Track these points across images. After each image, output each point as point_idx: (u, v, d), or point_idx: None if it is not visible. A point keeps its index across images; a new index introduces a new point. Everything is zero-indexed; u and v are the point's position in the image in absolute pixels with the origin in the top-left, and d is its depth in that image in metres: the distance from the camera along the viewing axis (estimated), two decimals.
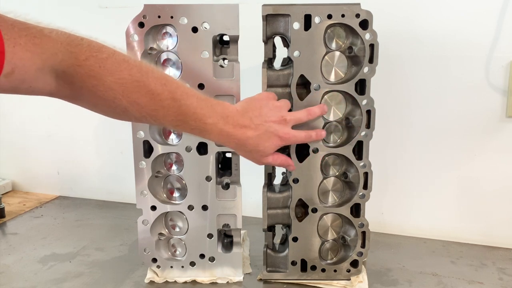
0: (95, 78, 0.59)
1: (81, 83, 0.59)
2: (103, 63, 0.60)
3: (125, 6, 1.26)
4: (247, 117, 0.76)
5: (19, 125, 1.50)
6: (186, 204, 0.95)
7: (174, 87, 0.68)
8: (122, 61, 0.62)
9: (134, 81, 0.63)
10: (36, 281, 0.98)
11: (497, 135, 1.09)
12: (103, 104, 0.63)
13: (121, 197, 1.42)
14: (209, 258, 0.97)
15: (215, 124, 0.72)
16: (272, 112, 0.78)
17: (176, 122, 0.69)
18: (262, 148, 0.77)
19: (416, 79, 1.12)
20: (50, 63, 0.56)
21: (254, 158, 0.81)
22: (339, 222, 0.95)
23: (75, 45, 0.58)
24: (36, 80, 0.55)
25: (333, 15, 0.84)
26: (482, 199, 1.14)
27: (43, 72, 0.56)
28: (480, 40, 1.05)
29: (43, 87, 0.57)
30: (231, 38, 0.89)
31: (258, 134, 0.76)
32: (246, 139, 0.75)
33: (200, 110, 0.70)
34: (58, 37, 0.57)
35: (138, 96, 0.63)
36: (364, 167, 0.90)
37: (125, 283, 0.97)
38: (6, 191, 1.52)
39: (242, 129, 0.74)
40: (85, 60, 0.58)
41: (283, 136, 0.78)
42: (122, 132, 1.16)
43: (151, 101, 0.65)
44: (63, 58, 0.57)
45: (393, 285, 0.97)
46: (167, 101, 0.66)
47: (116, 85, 0.61)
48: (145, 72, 0.64)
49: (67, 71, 0.58)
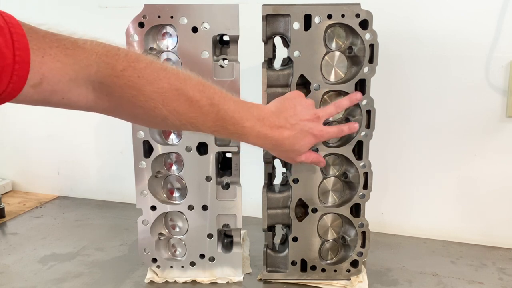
0: (134, 89, 0.59)
1: (120, 94, 0.59)
2: (142, 73, 0.59)
3: (125, 6, 1.26)
4: (282, 117, 0.76)
5: (19, 125, 1.50)
6: (186, 204, 0.95)
7: (212, 93, 0.67)
8: (160, 70, 0.62)
9: (174, 90, 0.62)
10: (36, 281, 0.98)
11: (497, 135, 1.09)
12: (143, 114, 0.62)
13: (121, 197, 1.42)
14: (209, 258, 0.97)
15: (253, 127, 0.72)
16: (305, 111, 0.79)
17: (215, 128, 0.69)
18: (298, 147, 0.78)
19: (416, 79, 1.12)
20: (84, 74, 0.55)
21: (289, 157, 0.81)
22: (339, 222, 0.95)
23: (112, 56, 0.57)
24: (70, 92, 0.55)
25: (333, 15, 0.84)
26: (482, 199, 1.14)
27: (77, 83, 0.55)
28: (480, 40, 1.05)
29: (78, 100, 0.57)
30: (231, 38, 0.89)
31: (294, 134, 0.76)
32: (283, 139, 0.75)
33: (238, 114, 0.70)
34: (93, 48, 0.56)
35: (177, 104, 0.63)
36: (364, 167, 0.90)
37: (125, 283, 0.97)
38: (6, 191, 1.52)
39: (279, 129, 0.75)
40: (123, 71, 0.58)
41: (318, 133, 0.79)
42: (122, 132, 1.16)
43: (190, 108, 0.65)
44: (99, 69, 0.56)
45: (393, 285, 0.97)
46: (206, 107, 0.66)
47: (156, 94, 0.61)
48: (183, 80, 0.64)
49: (105, 82, 0.57)
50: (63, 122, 1.45)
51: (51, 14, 1.34)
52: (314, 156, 0.84)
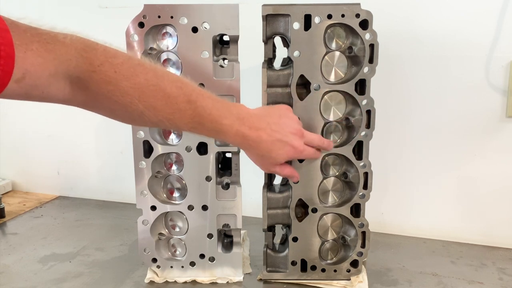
0: (110, 84, 0.59)
1: (97, 89, 0.59)
2: (119, 68, 0.59)
3: (125, 6, 1.26)
4: (265, 121, 0.76)
5: (19, 125, 1.50)
6: (186, 204, 0.95)
7: (190, 90, 0.68)
8: (137, 66, 0.62)
9: (150, 85, 0.62)
10: (36, 281, 0.98)
11: (497, 135, 1.09)
12: (120, 109, 0.62)
13: (121, 197, 1.42)
14: (209, 258, 0.97)
15: (231, 125, 0.72)
16: (290, 123, 0.79)
17: (193, 124, 0.69)
18: (274, 155, 0.78)
19: (416, 79, 1.12)
20: (63, 69, 0.55)
21: (263, 164, 0.82)
22: (339, 222, 0.95)
23: (90, 51, 0.58)
24: (49, 86, 0.55)
25: (333, 15, 0.84)
26: (482, 199, 1.14)
27: (56, 78, 0.55)
28: (480, 40, 1.05)
29: (57, 94, 0.57)
30: (231, 38, 0.89)
31: (273, 140, 0.76)
32: (260, 141, 0.75)
33: (216, 111, 0.70)
34: (72, 42, 0.56)
35: (154, 100, 0.63)
36: (364, 167, 0.90)
37: (125, 283, 0.97)
38: (6, 191, 1.52)
39: (258, 131, 0.75)
40: (99, 66, 0.58)
41: (297, 147, 0.79)
42: (122, 132, 1.16)
43: (168, 104, 0.65)
44: (77, 64, 0.56)
45: (393, 285, 0.97)
46: (183, 104, 0.66)
47: (132, 90, 0.61)
48: (160, 76, 0.64)
49: (82, 77, 0.57)
50: (63, 122, 1.45)
51: (51, 14, 1.34)
52: (288, 170, 0.84)
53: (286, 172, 0.84)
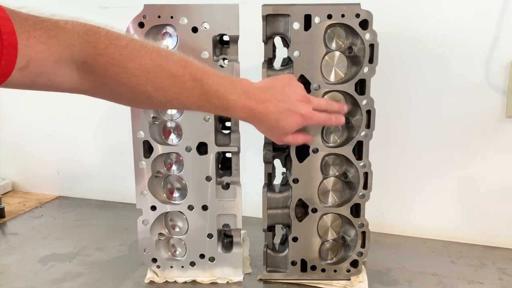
0: (117, 66, 0.59)
1: (103, 72, 0.59)
2: (123, 50, 0.59)
3: (125, 6, 1.26)
4: (269, 93, 0.76)
5: (19, 125, 1.50)
6: (186, 204, 0.95)
7: (195, 68, 0.68)
8: (141, 47, 0.62)
9: (156, 66, 0.63)
10: (36, 281, 0.98)
11: (497, 135, 1.09)
12: (127, 92, 0.63)
13: (121, 197, 1.42)
14: (209, 258, 0.97)
15: (238, 99, 0.72)
16: (295, 90, 0.79)
17: (200, 102, 0.69)
18: (283, 124, 0.77)
19: (416, 79, 1.12)
20: (67, 55, 0.55)
21: (274, 135, 0.81)
22: (339, 222, 0.95)
23: (93, 34, 0.58)
24: (55, 73, 0.55)
25: (333, 15, 0.84)
26: (482, 199, 1.14)
27: (61, 64, 0.55)
28: (480, 40, 1.05)
29: (63, 81, 0.57)
30: (231, 38, 0.89)
31: (280, 110, 0.76)
32: (267, 113, 0.75)
33: (222, 87, 0.70)
34: (74, 28, 0.56)
35: (161, 81, 0.64)
36: (364, 167, 0.90)
37: (125, 283, 0.97)
38: (6, 191, 1.52)
39: (264, 103, 0.74)
40: (104, 49, 0.58)
41: (306, 114, 0.78)
42: (122, 132, 1.16)
43: (174, 84, 0.65)
44: (81, 48, 0.56)
45: (393, 285, 0.97)
46: (189, 82, 0.66)
47: (139, 71, 0.61)
48: (164, 56, 0.64)
49: (87, 61, 0.57)
50: (63, 122, 1.45)
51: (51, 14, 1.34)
52: (301, 137, 0.83)
53: (300, 139, 0.83)
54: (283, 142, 0.82)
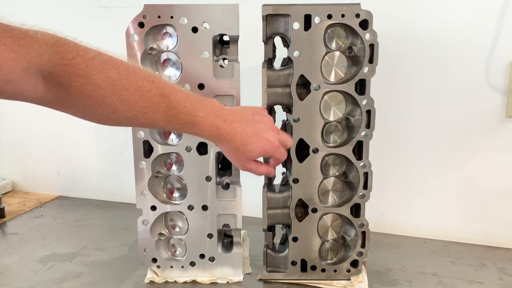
0: (83, 77, 0.59)
1: (69, 82, 0.59)
2: (90, 62, 0.60)
3: (125, 6, 1.26)
4: (239, 115, 0.76)
5: (19, 125, 1.50)
6: (186, 204, 0.95)
7: (162, 84, 0.68)
8: (108, 60, 0.62)
9: (123, 79, 0.63)
10: (36, 281, 0.98)
11: (497, 135, 1.09)
12: (93, 105, 0.63)
13: (121, 197, 1.42)
14: (209, 258, 0.97)
15: (205, 117, 0.71)
16: (265, 120, 0.78)
17: (167, 118, 0.69)
18: (249, 148, 0.75)
19: (416, 79, 1.12)
20: (35, 64, 0.56)
21: (238, 159, 0.79)
22: (339, 222, 0.95)
23: (61, 45, 0.58)
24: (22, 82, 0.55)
25: (333, 15, 0.84)
26: (482, 199, 1.14)
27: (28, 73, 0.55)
28: (480, 40, 1.05)
29: (29, 90, 0.57)
30: (231, 38, 0.89)
31: (247, 133, 0.75)
32: (235, 134, 0.74)
33: (190, 104, 0.70)
34: (44, 38, 0.57)
35: (127, 94, 0.63)
36: (364, 167, 0.90)
37: (125, 283, 0.97)
38: (6, 191, 1.52)
39: (232, 123, 0.74)
40: (72, 59, 0.58)
41: (274, 142, 0.77)
42: (122, 132, 1.16)
43: (141, 98, 0.65)
44: (49, 58, 0.57)
45: (393, 285, 0.97)
46: (157, 98, 0.67)
47: (105, 83, 0.61)
48: (132, 71, 0.65)
49: (54, 72, 0.58)
50: (63, 122, 1.44)
51: (51, 14, 1.34)
52: (264, 167, 0.81)
53: (262, 169, 0.81)
54: (246, 168, 0.80)
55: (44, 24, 0.56)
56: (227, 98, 0.88)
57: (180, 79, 0.88)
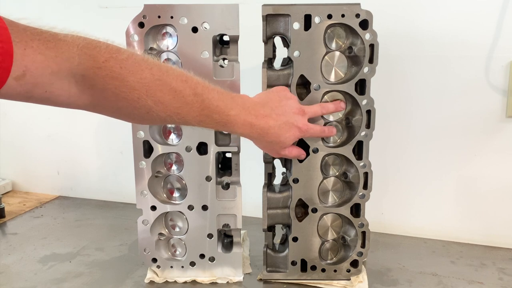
0: (117, 79, 0.59)
1: (103, 85, 0.59)
2: (124, 63, 0.59)
3: (125, 6, 1.26)
4: (268, 107, 0.77)
5: (19, 125, 1.50)
6: (186, 204, 0.95)
7: (195, 83, 0.68)
8: (141, 61, 0.62)
9: (156, 80, 0.63)
10: (36, 281, 0.98)
11: (497, 135, 1.09)
12: (127, 106, 0.62)
13: (121, 197, 1.42)
14: (209, 258, 0.97)
15: (238, 115, 0.72)
16: (291, 103, 0.80)
17: (201, 117, 0.69)
18: (283, 138, 0.78)
19: (416, 79, 1.12)
20: (66, 67, 0.55)
21: (273, 149, 0.82)
22: (339, 222, 0.95)
23: (93, 48, 0.57)
24: (52, 85, 0.55)
25: (333, 15, 0.84)
26: (482, 199, 1.14)
27: (59, 76, 0.55)
28: (480, 40, 1.05)
29: (61, 93, 0.57)
30: (231, 38, 0.89)
31: (279, 124, 0.77)
32: (269, 128, 0.76)
33: (222, 102, 0.71)
34: (74, 40, 0.56)
35: (161, 95, 0.63)
36: (364, 167, 0.90)
37: (125, 283, 0.97)
38: (6, 191, 1.52)
39: (264, 118, 0.75)
40: (104, 62, 0.58)
41: (302, 127, 0.80)
42: (122, 132, 1.16)
43: (175, 98, 0.65)
44: (80, 61, 0.56)
45: (393, 285, 0.97)
46: (190, 97, 0.67)
47: (139, 85, 0.61)
48: (165, 71, 0.65)
49: (87, 75, 0.57)
50: (63, 122, 1.45)
51: (51, 14, 1.34)
52: (296, 150, 0.85)
53: (295, 152, 0.85)
54: (280, 155, 0.84)
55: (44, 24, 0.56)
56: None
57: None
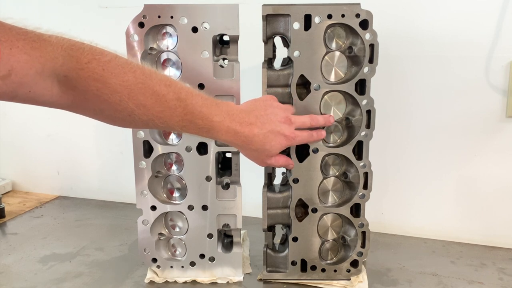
0: (99, 81, 0.59)
1: (85, 87, 0.59)
2: (106, 65, 0.59)
3: (125, 6, 1.26)
4: (253, 115, 0.76)
5: (19, 125, 1.50)
6: (186, 204, 0.95)
7: (179, 88, 0.68)
8: (125, 64, 0.62)
9: (139, 83, 0.62)
10: (36, 281, 0.98)
11: (497, 135, 1.09)
12: (109, 109, 0.62)
13: (121, 197, 1.42)
14: (209, 258, 0.97)
15: (222, 121, 0.72)
16: (277, 111, 0.79)
17: (183, 123, 0.69)
18: (268, 147, 0.78)
19: (416, 79, 1.12)
20: (50, 67, 0.55)
21: (258, 158, 0.81)
22: (339, 222, 0.95)
23: (77, 49, 0.57)
24: (36, 85, 0.55)
25: (333, 15, 0.84)
26: (482, 199, 1.14)
27: (43, 76, 0.55)
28: (480, 40, 1.05)
29: (44, 93, 0.57)
30: (231, 38, 0.89)
31: (264, 133, 0.76)
32: (253, 136, 0.75)
33: (206, 108, 0.70)
34: (58, 41, 0.56)
35: (143, 98, 0.63)
36: (364, 167, 0.90)
37: (125, 283, 0.97)
38: (6, 191, 1.52)
39: (249, 126, 0.75)
40: (87, 63, 0.58)
41: (289, 135, 0.79)
42: (122, 132, 1.16)
43: (157, 102, 0.65)
44: (64, 62, 0.56)
45: (393, 285, 0.97)
46: (173, 102, 0.66)
47: (121, 87, 0.61)
48: (148, 74, 0.64)
49: (69, 75, 0.57)
50: (63, 122, 1.45)
51: (51, 14, 1.34)
52: (283, 160, 0.84)
53: (281, 162, 0.84)
54: (266, 164, 0.83)
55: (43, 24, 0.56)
56: (227, 98, 0.88)
57: (180, 79, 0.88)
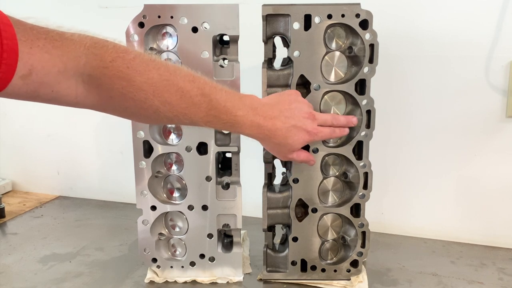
0: (124, 79, 0.59)
1: (110, 85, 0.58)
2: (131, 63, 0.59)
3: (125, 6, 1.26)
4: (277, 109, 0.76)
5: (19, 125, 1.50)
6: (186, 204, 0.95)
7: (202, 83, 0.68)
8: (149, 61, 0.62)
9: (164, 80, 0.62)
10: (36, 281, 0.98)
11: (497, 135, 1.09)
12: (134, 106, 0.62)
13: (121, 197, 1.42)
14: (209, 258, 0.97)
15: (245, 116, 0.72)
16: (301, 107, 0.79)
17: (208, 118, 0.69)
18: (291, 141, 0.78)
19: (416, 79, 1.12)
20: (72, 66, 0.55)
21: (280, 152, 0.81)
22: (339, 222, 0.95)
23: (100, 47, 0.57)
24: (59, 85, 0.54)
25: (333, 15, 0.84)
26: (482, 199, 1.14)
27: (65, 75, 0.55)
28: (480, 40, 1.05)
29: (68, 93, 0.56)
30: (231, 38, 0.89)
31: (287, 127, 0.76)
32: (276, 130, 0.75)
33: (230, 103, 0.70)
34: (81, 39, 0.56)
35: (168, 95, 0.63)
36: (364, 167, 0.90)
37: (125, 283, 0.97)
38: (6, 191, 1.52)
39: (272, 120, 0.75)
40: (111, 62, 0.57)
41: (312, 131, 0.79)
42: (122, 132, 1.16)
43: (182, 99, 0.65)
44: (87, 60, 0.56)
45: (393, 285, 0.97)
46: (197, 98, 0.66)
47: (146, 85, 0.60)
48: (172, 71, 0.64)
49: (93, 74, 0.57)
50: (63, 121, 1.45)
51: (51, 14, 1.34)
52: (304, 155, 0.84)
53: (303, 157, 0.84)
54: (288, 158, 0.83)
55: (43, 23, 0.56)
56: None
57: None
